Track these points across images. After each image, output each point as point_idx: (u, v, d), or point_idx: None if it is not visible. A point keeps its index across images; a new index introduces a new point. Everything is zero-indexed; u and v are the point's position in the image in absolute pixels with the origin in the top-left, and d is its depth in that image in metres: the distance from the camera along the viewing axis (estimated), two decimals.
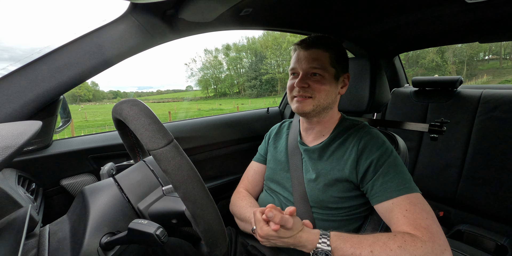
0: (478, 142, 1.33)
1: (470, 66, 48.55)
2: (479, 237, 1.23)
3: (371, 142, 0.69)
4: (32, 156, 0.77)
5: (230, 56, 68.58)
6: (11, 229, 0.31)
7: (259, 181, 0.93)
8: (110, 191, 0.45)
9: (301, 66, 0.72)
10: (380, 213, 0.65)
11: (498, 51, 49.35)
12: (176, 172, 0.36)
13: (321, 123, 0.77)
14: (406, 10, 0.99)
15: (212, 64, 71.05)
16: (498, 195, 1.26)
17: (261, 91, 57.89)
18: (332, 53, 0.72)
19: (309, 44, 0.72)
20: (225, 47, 68.56)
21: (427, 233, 0.55)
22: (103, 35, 0.69)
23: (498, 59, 49.02)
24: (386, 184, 0.63)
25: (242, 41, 69.82)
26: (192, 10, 0.70)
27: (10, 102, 0.60)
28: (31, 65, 0.63)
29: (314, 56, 0.71)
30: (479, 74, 45.68)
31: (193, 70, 76.64)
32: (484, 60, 51.08)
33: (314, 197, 0.73)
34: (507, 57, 49.16)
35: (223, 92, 68.27)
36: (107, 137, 0.96)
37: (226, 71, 69.27)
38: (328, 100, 0.73)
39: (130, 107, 0.40)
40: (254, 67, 61.32)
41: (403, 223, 0.58)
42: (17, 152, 0.31)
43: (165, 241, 0.35)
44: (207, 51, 71.33)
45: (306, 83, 0.71)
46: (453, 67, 47.29)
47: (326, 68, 0.71)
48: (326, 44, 0.72)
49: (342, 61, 0.75)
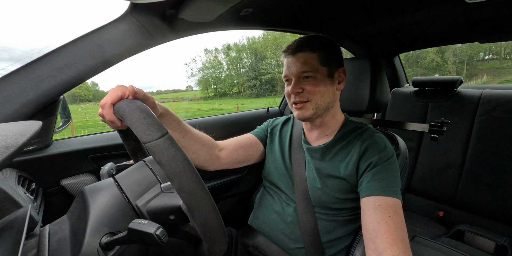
0: (478, 142, 1.33)
1: (470, 66, 48.78)
2: (479, 237, 1.23)
3: (373, 145, 0.69)
4: (32, 156, 0.77)
5: (230, 56, 68.54)
6: (11, 229, 0.31)
7: (242, 146, 0.85)
8: (110, 191, 0.45)
9: (291, 72, 0.72)
10: (362, 208, 0.63)
11: (498, 51, 49.56)
12: (170, 163, 0.36)
13: (324, 123, 0.77)
14: (406, 10, 0.99)
15: (212, 64, 71.02)
16: (498, 195, 1.26)
17: (261, 91, 57.89)
18: (319, 52, 0.71)
19: (294, 49, 0.72)
20: (225, 46, 68.51)
21: (403, 245, 0.55)
22: (103, 35, 0.68)
23: (498, 59, 49.27)
24: (374, 182, 0.64)
25: (243, 41, 69.82)
26: (192, 10, 0.70)
27: (10, 102, 0.60)
28: (31, 65, 0.63)
29: (302, 60, 0.71)
30: (479, 74, 45.89)
31: (193, 70, 76.68)
32: (484, 60, 51.43)
33: (315, 197, 0.73)
34: (507, 57, 49.46)
35: (223, 92, 68.18)
36: (107, 137, 0.96)
37: (226, 71, 69.22)
38: (326, 100, 0.72)
39: (127, 105, 0.42)
40: (254, 67, 61.30)
41: (385, 230, 0.56)
42: (17, 152, 0.31)
43: (165, 241, 0.35)
44: (207, 51, 71.36)
45: (300, 88, 0.71)
46: (453, 67, 47.52)
47: (317, 69, 0.70)
48: (311, 45, 0.72)
49: (333, 58, 0.73)
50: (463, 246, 1.20)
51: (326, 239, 0.72)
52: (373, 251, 0.55)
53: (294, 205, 0.77)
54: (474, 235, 1.24)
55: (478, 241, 1.22)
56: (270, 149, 0.88)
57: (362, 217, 0.62)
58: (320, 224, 0.73)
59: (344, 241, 0.73)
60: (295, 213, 0.76)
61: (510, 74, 42.28)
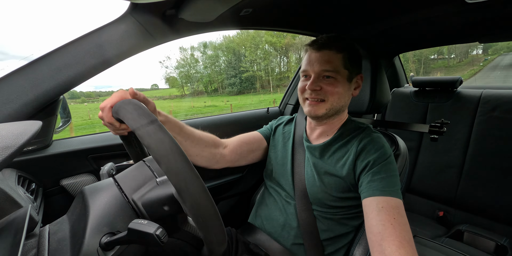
0: (478, 142, 1.33)
1: (425, 64, 54.41)
2: (479, 237, 1.23)
3: (370, 144, 0.69)
4: (32, 156, 0.77)
5: (207, 54, 67.99)
6: (11, 229, 0.31)
7: (245, 142, 0.85)
8: (110, 191, 0.45)
9: (313, 69, 0.70)
10: (365, 210, 0.62)
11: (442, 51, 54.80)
12: (159, 146, 0.36)
13: (328, 124, 0.78)
14: (406, 10, 0.99)
15: (188, 62, 70.35)
16: (498, 195, 1.26)
17: (241, 88, 57.75)
18: (345, 54, 0.70)
19: (321, 45, 0.70)
20: (202, 44, 68.16)
21: (410, 248, 0.54)
22: (103, 35, 0.68)
23: (445, 58, 55.63)
24: (374, 182, 0.63)
25: (220, 39, 69.16)
26: (192, 10, 0.70)
27: (10, 102, 0.60)
28: (31, 65, 0.63)
29: (326, 58, 0.69)
30: (432, 71, 51.63)
31: (168, 68, 75.90)
32: (434, 59, 56.86)
33: (313, 195, 0.73)
34: (451, 56, 55.17)
35: (200, 90, 67.55)
36: (107, 137, 0.96)
37: (203, 69, 68.56)
38: (341, 103, 0.72)
39: (122, 102, 0.45)
40: (233, 65, 61.00)
41: (391, 233, 0.55)
42: (17, 152, 0.31)
43: (165, 241, 0.35)
44: (183, 49, 70.74)
45: (319, 85, 0.69)
46: (413, 66, 52.11)
47: (339, 70, 0.69)
48: (339, 45, 0.70)
49: (355, 62, 0.73)
50: (463, 246, 1.20)
51: (325, 237, 0.72)
52: (380, 254, 0.54)
53: (294, 203, 0.77)
54: (474, 235, 1.24)
55: (478, 241, 1.22)
56: (273, 146, 0.89)
57: (366, 220, 0.61)
58: (319, 221, 0.73)
59: (344, 239, 0.74)
60: (295, 211, 0.76)
61: (458, 72, 47.15)
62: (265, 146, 0.90)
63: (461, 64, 50.79)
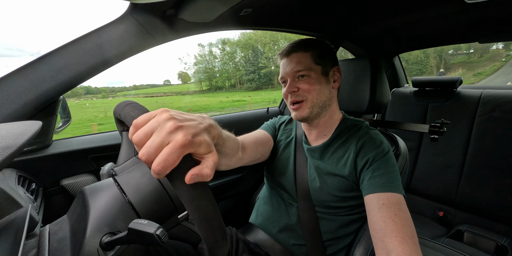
0: (478, 142, 1.33)
1: (445, 60, 52.16)
2: (479, 237, 1.23)
3: (368, 142, 0.69)
4: (32, 156, 0.77)
5: (226, 51, 68.15)
6: (11, 229, 0.31)
7: (261, 144, 0.81)
8: (110, 191, 0.45)
9: (286, 73, 0.73)
10: (367, 207, 0.62)
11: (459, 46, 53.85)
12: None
13: (321, 123, 0.78)
14: (406, 10, 0.99)
15: (207, 58, 70.42)
16: (498, 195, 1.26)
17: (259, 84, 57.74)
18: (313, 51, 0.72)
19: (288, 51, 0.74)
20: (221, 41, 68.26)
21: (413, 244, 0.54)
22: (103, 35, 0.69)
23: (464, 54, 53.15)
24: (374, 178, 0.63)
25: (238, 36, 69.37)
26: (192, 10, 0.70)
27: (10, 102, 0.60)
28: (31, 65, 0.63)
29: (295, 60, 0.72)
30: (453, 67, 49.11)
31: (188, 64, 75.92)
32: (453, 54, 55.00)
33: (315, 196, 0.73)
34: (470, 51, 52.91)
35: (218, 85, 67.37)
36: (107, 137, 0.96)
37: (222, 65, 68.56)
38: (322, 98, 0.73)
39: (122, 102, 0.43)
40: (252, 61, 61.14)
41: (392, 229, 0.55)
42: (17, 152, 0.31)
43: (165, 241, 0.35)
44: (201, 45, 70.80)
45: (295, 87, 0.72)
46: (434, 62, 50.29)
47: (311, 67, 0.71)
48: (304, 45, 0.73)
49: (326, 56, 0.74)
50: (463, 246, 1.20)
51: (327, 238, 0.72)
52: (382, 250, 0.54)
53: (296, 204, 0.77)
54: (474, 235, 1.24)
55: (478, 241, 1.22)
56: (276, 146, 0.88)
57: (368, 217, 0.61)
58: (322, 223, 0.73)
59: (345, 240, 0.74)
60: (297, 212, 0.76)
61: (479, 67, 44.72)
62: (272, 146, 0.89)
63: (482, 60, 48.65)
